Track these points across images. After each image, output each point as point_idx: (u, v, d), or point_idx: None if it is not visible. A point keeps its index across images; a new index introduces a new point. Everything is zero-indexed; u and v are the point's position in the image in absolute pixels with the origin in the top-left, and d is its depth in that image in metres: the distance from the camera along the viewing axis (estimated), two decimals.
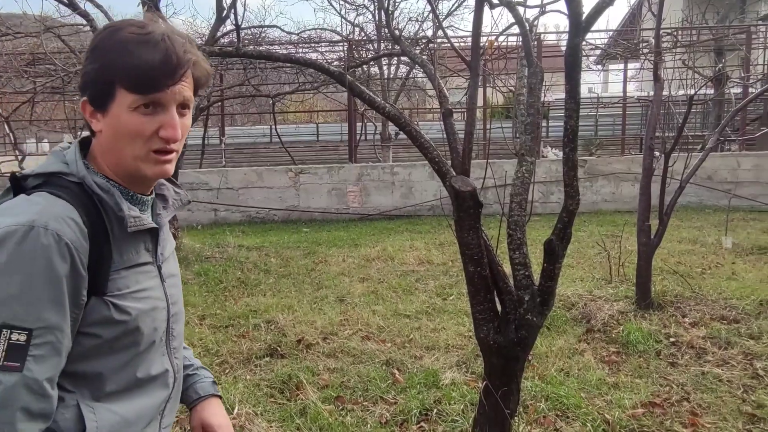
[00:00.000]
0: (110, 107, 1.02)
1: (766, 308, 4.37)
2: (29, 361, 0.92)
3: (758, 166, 9.21)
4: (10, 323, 0.91)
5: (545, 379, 3.41)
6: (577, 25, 2.10)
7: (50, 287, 0.93)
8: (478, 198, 2.45)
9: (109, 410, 1.04)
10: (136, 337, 1.06)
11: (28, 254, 0.92)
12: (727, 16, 13.39)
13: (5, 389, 0.90)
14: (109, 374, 1.05)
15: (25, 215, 0.94)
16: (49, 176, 1.02)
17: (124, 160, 1.05)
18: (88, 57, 1.03)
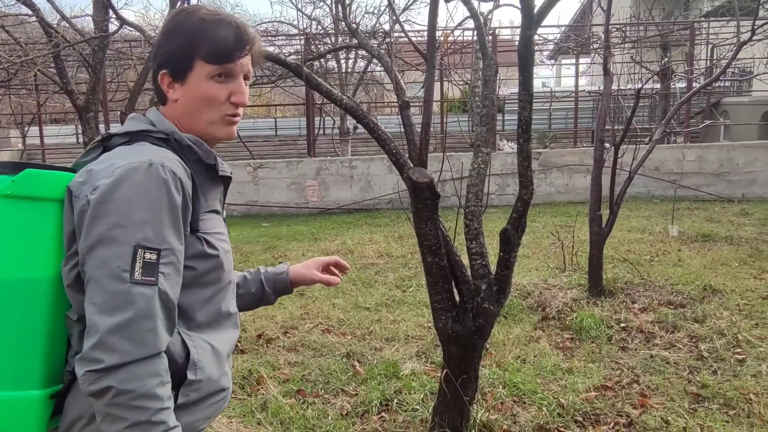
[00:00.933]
0: (189, 77, 1.17)
1: (709, 293, 4.57)
2: (161, 276, 1.03)
3: (701, 158, 9.58)
4: (144, 244, 1.01)
5: (503, 366, 3.49)
6: (529, 18, 2.15)
7: (171, 214, 1.05)
8: (435, 189, 2.49)
9: (202, 339, 1.16)
10: (220, 274, 1.19)
11: (153, 185, 1.03)
12: (672, 12, 13.85)
13: (148, 300, 1.01)
14: (199, 306, 1.16)
15: (141, 156, 1.06)
16: (135, 134, 1.15)
17: (199, 123, 1.20)
18: (167, 36, 1.18)
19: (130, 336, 0.99)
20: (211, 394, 1.17)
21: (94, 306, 1.00)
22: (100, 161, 1.09)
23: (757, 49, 8.24)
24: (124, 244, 1.00)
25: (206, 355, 1.15)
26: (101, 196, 1.02)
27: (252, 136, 14.98)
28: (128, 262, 1.00)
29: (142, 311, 1.00)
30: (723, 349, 3.64)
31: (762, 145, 9.84)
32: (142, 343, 1.00)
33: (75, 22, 6.92)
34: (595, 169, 4.73)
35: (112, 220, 1.01)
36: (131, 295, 1.00)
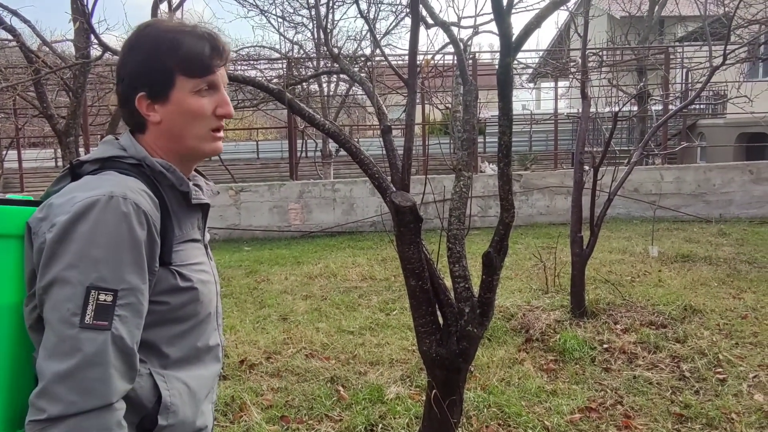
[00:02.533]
0: (171, 94, 1.10)
1: (690, 313, 4.61)
2: (116, 320, 0.96)
3: (679, 179, 9.75)
4: (98, 284, 0.95)
5: (487, 389, 3.48)
6: (507, 46, 2.20)
7: (132, 251, 0.99)
8: (418, 213, 2.50)
9: (177, 378, 1.09)
10: (196, 307, 1.12)
11: (112, 221, 0.97)
12: (647, 37, 14.20)
13: (98, 347, 0.94)
14: (174, 342, 1.09)
15: (102, 188, 1.00)
16: (106, 161, 1.09)
17: (186, 141, 1.14)
18: (129, 54, 1.11)
19: (75, 385, 0.92)
20: None
21: (44, 350, 0.95)
22: (62, 194, 1.03)
23: (729, 73, 8.48)
24: (76, 285, 0.95)
25: (181, 398, 1.09)
26: (58, 234, 0.96)
27: (233, 159, 14.95)
28: (79, 305, 0.94)
29: (90, 358, 0.94)
30: (704, 368, 3.67)
31: (737, 166, 10.05)
32: (89, 393, 0.93)
33: (56, 47, 6.91)
34: (575, 191, 4.80)
35: (66, 260, 0.95)
36: (79, 341, 0.93)
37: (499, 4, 2.11)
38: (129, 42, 1.13)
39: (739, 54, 7.21)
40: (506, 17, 2.13)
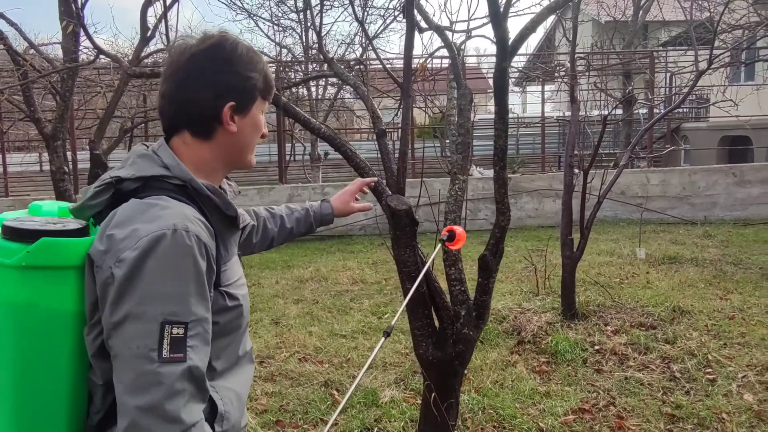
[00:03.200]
0: (251, 110, 1.19)
1: (678, 314, 4.67)
2: (189, 351, 1.00)
3: (665, 182, 9.86)
4: (170, 319, 0.99)
5: (481, 391, 3.50)
6: (504, 50, 2.22)
7: (196, 283, 1.02)
8: (413, 216, 2.52)
9: (225, 387, 1.15)
10: (240, 321, 1.18)
11: (179, 256, 1.00)
12: (632, 42, 14.37)
13: (176, 378, 0.98)
14: (220, 354, 1.14)
15: (164, 220, 1.02)
16: (149, 179, 1.09)
17: (245, 152, 1.22)
18: (212, 66, 1.13)
19: (162, 415, 0.97)
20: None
21: (122, 385, 0.99)
22: (120, 225, 1.03)
23: (714, 77, 8.60)
24: (151, 322, 0.98)
25: (231, 404, 1.15)
26: (127, 271, 0.98)
27: None
28: (155, 341, 0.98)
29: (173, 390, 0.98)
30: (694, 369, 3.72)
31: (721, 169, 10.18)
32: (176, 421, 0.98)
33: (42, 49, 6.85)
34: (566, 194, 4.84)
35: (137, 297, 0.98)
36: (160, 375, 0.97)
37: (495, 9, 2.14)
38: (221, 53, 1.14)
39: (724, 58, 7.32)
40: (503, 22, 2.16)
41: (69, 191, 6.60)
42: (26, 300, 1.00)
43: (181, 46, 1.16)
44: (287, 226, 1.67)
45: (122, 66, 2.71)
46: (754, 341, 4.13)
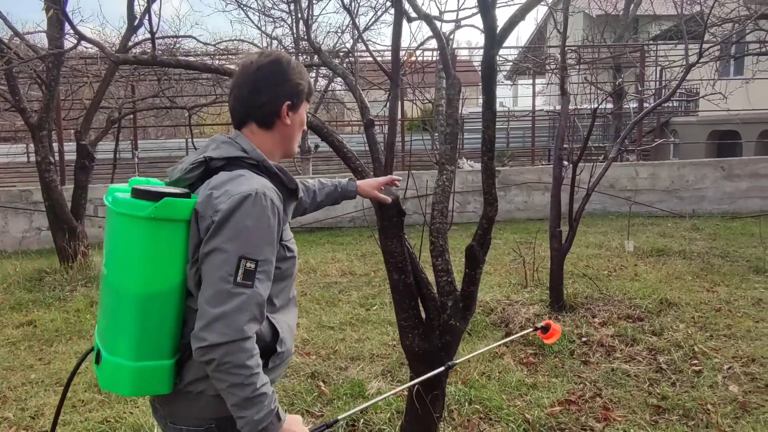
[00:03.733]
0: (300, 109, 1.58)
1: (665, 306, 4.69)
2: (256, 281, 1.35)
3: (654, 175, 9.90)
4: (246, 255, 1.33)
5: (468, 383, 3.49)
6: (492, 38, 2.20)
7: (268, 234, 1.37)
8: (401, 206, 2.49)
9: (282, 320, 1.51)
10: (293, 270, 1.54)
11: (258, 211, 1.35)
12: (622, 35, 14.38)
13: (244, 299, 1.33)
14: (279, 294, 1.51)
15: (249, 185, 1.38)
16: (230, 159, 1.46)
17: (292, 142, 1.60)
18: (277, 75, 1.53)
19: (228, 323, 1.30)
20: (286, 360, 1.55)
21: (204, 298, 1.33)
22: (218, 185, 1.39)
23: (704, 71, 8.62)
24: (232, 255, 1.32)
25: (286, 333, 1.51)
26: (221, 218, 1.34)
27: None
28: (233, 269, 1.32)
29: (239, 306, 1.32)
30: (680, 361, 3.73)
31: (710, 162, 10.24)
32: (237, 330, 1.31)
33: (28, 38, 6.74)
34: (555, 187, 4.83)
35: (226, 236, 1.33)
36: (233, 294, 1.32)
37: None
38: (279, 66, 1.54)
39: (714, 52, 7.34)
40: (491, 9, 2.13)
41: (54, 182, 6.53)
42: (151, 243, 1.35)
43: (249, 60, 1.56)
44: (317, 199, 1.95)
45: (105, 52, 2.66)
46: (740, 333, 4.15)
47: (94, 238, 8.47)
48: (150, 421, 3.14)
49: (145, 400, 3.44)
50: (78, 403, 3.48)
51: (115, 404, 3.43)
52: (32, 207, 8.70)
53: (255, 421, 1.34)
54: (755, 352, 3.78)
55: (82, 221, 6.79)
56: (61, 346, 4.43)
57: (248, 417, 1.34)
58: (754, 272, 5.78)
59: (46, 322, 4.94)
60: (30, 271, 6.51)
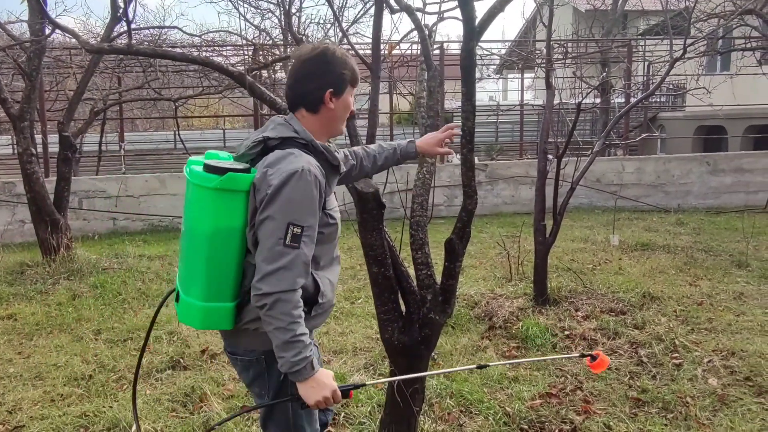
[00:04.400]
0: (343, 94, 1.78)
1: (648, 300, 4.71)
2: (302, 244, 1.61)
3: (640, 170, 9.95)
4: (294, 222, 1.60)
5: (450, 376, 3.49)
6: (471, 30, 2.18)
7: (311, 204, 1.63)
8: (380, 199, 2.48)
9: (325, 276, 1.79)
10: (335, 234, 1.81)
11: (303, 185, 1.61)
12: (610, 30, 14.41)
13: (292, 258, 1.60)
14: (323, 255, 1.79)
15: (296, 163, 1.63)
16: (285, 139, 1.71)
17: (338, 125, 1.83)
18: (321, 65, 1.75)
19: (279, 277, 1.58)
20: (328, 309, 1.85)
21: (260, 256, 1.61)
22: (272, 164, 1.64)
23: (689, 65, 8.66)
24: (282, 222, 1.59)
25: (327, 287, 1.79)
26: (273, 191, 1.60)
27: (199, 148, 14.65)
28: (283, 233, 1.59)
29: (288, 264, 1.59)
30: (661, 354, 3.75)
31: (695, 157, 10.30)
32: (287, 282, 1.59)
33: (10, 29, 6.64)
34: (539, 180, 4.84)
35: (277, 206, 1.60)
36: (282, 254, 1.59)
37: None
38: (324, 58, 1.75)
39: (699, 47, 7.36)
40: (470, 1, 2.11)
41: (36, 173, 6.44)
42: (218, 210, 1.64)
43: (298, 52, 1.79)
44: (378, 163, 2.14)
45: (79, 41, 2.62)
46: (720, 326, 4.18)
47: (78, 230, 8.41)
48: (128, 415, 3.11)
49: (125, 395, 3.42)
50: (57, 397, 3.45)
51: (95, 398, 3.40)
52: (15, 199, 8.61)
53: (291, 362, 1.60)
54: (735, 346, 3.81)
55: (65, 213, 6.72)
56: (42, 340, 4.39)
57: (286, 357, 1.60)
58: (736, 266, 5.83)
59: (27, 315, 4.89)
60: (12, 264, 6.44)
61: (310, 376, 1.63)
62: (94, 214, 9.10)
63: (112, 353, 4.04)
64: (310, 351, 1.62)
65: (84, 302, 5.22)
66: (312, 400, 1.65)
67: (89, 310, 5.00)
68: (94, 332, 4.50)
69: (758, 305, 4.64)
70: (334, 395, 1.67)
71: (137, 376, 1.96)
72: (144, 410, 3.20)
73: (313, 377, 1.63)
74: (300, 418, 1.82)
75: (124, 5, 5.34)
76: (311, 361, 1.62)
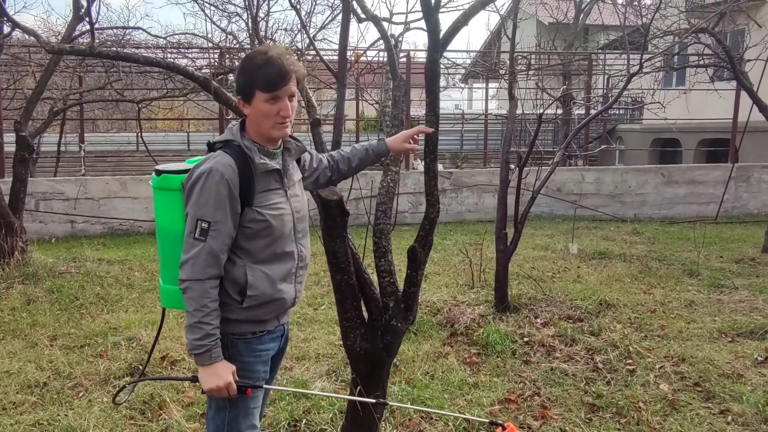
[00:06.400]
0: (253, 101, 1.82)
1: (604, 307, 4.85)
2: (209, 238, 1.76)
3: (599, 180, 10.21)
4: (201, 217, 1.76)
5: (411, 382, 3.53)
6: (435, 42, 2.23)
7: (219, 201, 1.76)
8: (344, 207, 2.50)
9: (260, 270, 1.86)
10: (270, 230, 1.85)
11: (210, 183, 1.75)
12: (572, 43, 14.77)
13: (197, 251, 1.75)
14: (261, 249, 1.86)
15: (210, 163, 1.78)
16: (225, 142, 1.85)
17: (264, 129, 1.86)
18: (238, 74, 1.84)
19: (189, 267, 1.76)
20: (268, 302, 1.88)
21: (182, 248, 1.79)
22: (196, 166, 1.81)
23: (646, 80, 8.94)
24: (193, 217, 1.76)
25: (260, 280, 1.85)
26: (188, 189, 1.79)
27: (163, 150, 14.45)
28: (193, 228, 1.76)
29: (195, 255, 1.75)
30: (616, 360, 3.87)
31: (651, 169, 10.63)
32: (196, 272, 1.75)
33: None
34: (501, 189, 4.93)
35: (190, 203, 1.78)
36: (192, 246, 1.76)
37: (427, 2, 2.14)
38: (242, 64, 1.87)
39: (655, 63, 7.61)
40: (434, 14, 2.16)
41: None
42: (160, 204, 1.91)
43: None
44: (353, 164, 2.23)
45: (39, 41, 2.57)
46: (672, 333, 4.33)
47: (34, 233, 8.17)
48: (84, 423, 3.05)
49: (81, 402, 3.34)
50: (9, 405, 3.35)
51: (49, 406, 3.32)
52: None
53: (192, 344, 1.76)
54: (685, 352, 3.95)
55: (20, 216, 6.54)
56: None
57: (189, 339, 1.77)
58: (688, 275, 6.04)
59: None
60: None
61: (208, 363, 1.77)
62: (51, 216, 8.86)
63: (68, 360, 3.95)
64: (210, 341, 1.76)
65: (39, 307, 5.08)
66: (206, 385, 1.79)
67: (44, 316, 4.87)
68: (50, 338, 4.39)
69: (707, 313, 4.82)
70: (228, 387, 1.78)
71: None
72: (101, 418, 3.14)
73: (212, 365, 1.77)
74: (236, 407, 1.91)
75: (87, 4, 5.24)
76: (210, 350, 1.76)
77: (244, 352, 1.89)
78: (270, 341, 1.97)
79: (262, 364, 1.94)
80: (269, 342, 1.96)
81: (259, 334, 1.91)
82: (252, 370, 1.91)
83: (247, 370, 1.89)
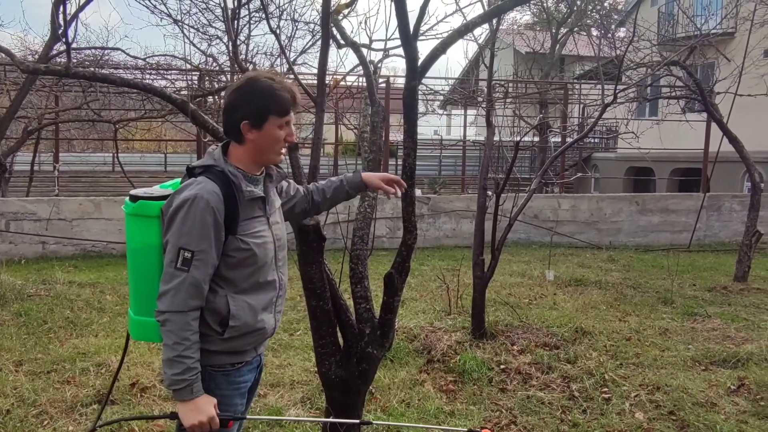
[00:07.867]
0: (264, 126, 1.78)
1: (580, 335, 4.86)
2: (192, 268, 1.69)
3: (574, 207, 10.34)
4: (184, 247, 1.68)
5: (387, 410, 3.48)
6: (413, 70, 2.25)
7: (204, 229, 1.69)
8: (321, 232, 2.49)
9: (242, 300, 1.80)
10: (254, 258, 1.80)
11: (193, 212, 1.68)
12: (549, 73, 15.08)
13: (179, 282, 1.68)
14: (243, 278, 1.80)
15: (194, 190, 1.71)
16: (206, 167, 1.78)
17: (267, 156, 1.83)
18: (247, 97, 1.78)
19: (169, 298, 1.68)
20: (249, 332, 1.82)
21: (162, 277, 1.72)
22: (177, 191, 1.73)
23: (620, 110, 9.15)
24: (175, 246, 1.69)
25: (243, 310, 1.79)
26: (169, 217, 1.71)
27: (139, 171, 14.31)
28: (175, 257, 1.69)
29: (177, 286, 1.68)
30: (592, 388, 3.86)
31: (626, 197, 10.80)
32: (176, 303, 1.68)
33: None
34: (479, 216, 4.95)
35: (171, 231, 1.70)
36: (174, 276, 1.69)
37: (405, 30, 2.17)
38: (242, 86, 1.79)
39: (629, 94, 7.80)
40: (413, 42, 2.19)
41: None
42: (134, 232, 1.79)
43: (233, 84, 1.83)
44: (327, 196, 2.19)
45: (14, 60, 2.54)
46: (647, 361, 4.35)
47: (3, 254, 7.98)
48: None
49: (45, 431, 3.22)
50: None
51: None
52: None
53: (171, 379, 1.69)
54: (660, 380, 3.96)
55: None
56: None
57: (168, 374, 1.69)
58: (662, 303, 6.10)
59: None
60: None
61: (189, 398, 1.69)
62: (22, 237, 8.65)
63: (33, 386, 3.82)
64: (192, 375, 1.69)
65: (5, 331, 4.92)
66: (187, 422, 1.70)
67: (10, 340, 4.72)
68: (15, 363, 4.25)
69: (681, 341, 4.86)
70: (211, 422, 1.71)
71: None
72: None
73: (193, 400, 1.70)
74: None
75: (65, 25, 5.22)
76: (191, 384, 1.69)
77: (222, 384, 1.82)
78: (248, 372, 1.90)
79: (239, 397, 1.88)
80: (247, 373, 1.90)
81: (237, 365, 1.84)
82: (230, 403, 1.84)
83: (225, 403, 1.81)
